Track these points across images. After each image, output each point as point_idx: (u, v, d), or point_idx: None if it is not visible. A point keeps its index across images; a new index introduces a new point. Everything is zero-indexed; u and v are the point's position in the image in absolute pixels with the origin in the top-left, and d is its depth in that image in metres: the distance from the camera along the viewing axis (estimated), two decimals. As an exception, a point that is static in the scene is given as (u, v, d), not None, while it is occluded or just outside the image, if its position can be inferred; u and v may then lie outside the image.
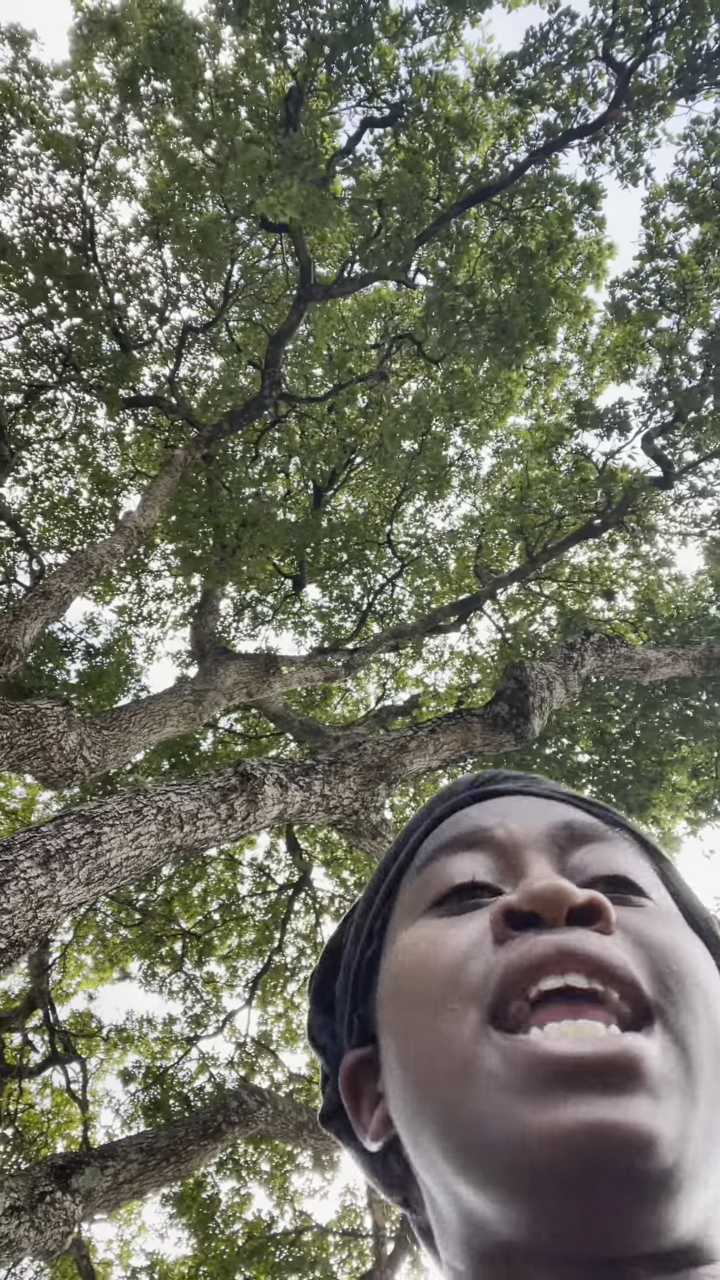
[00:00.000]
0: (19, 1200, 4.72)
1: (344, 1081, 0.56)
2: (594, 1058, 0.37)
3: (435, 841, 0.56)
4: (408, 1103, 0.45)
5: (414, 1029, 0.45)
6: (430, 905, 0.51)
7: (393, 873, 0.59)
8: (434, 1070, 0.42)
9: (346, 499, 11.95)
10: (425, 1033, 0.43)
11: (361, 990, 0.57)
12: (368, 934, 0.58)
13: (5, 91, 7.97)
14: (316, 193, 6.61)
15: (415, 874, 0.55)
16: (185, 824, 3.59)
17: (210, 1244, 8.45)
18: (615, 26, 6.85)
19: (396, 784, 4.65)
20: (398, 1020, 0.48)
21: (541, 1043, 0.38)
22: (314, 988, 0.64)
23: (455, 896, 0.50)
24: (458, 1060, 0.40)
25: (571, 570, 10.99)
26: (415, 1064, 0.44)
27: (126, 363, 9.29)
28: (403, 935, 0.52)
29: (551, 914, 0.42)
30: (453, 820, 0.57)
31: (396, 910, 0.56)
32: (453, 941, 0.46)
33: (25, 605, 5.85)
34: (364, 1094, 0.55)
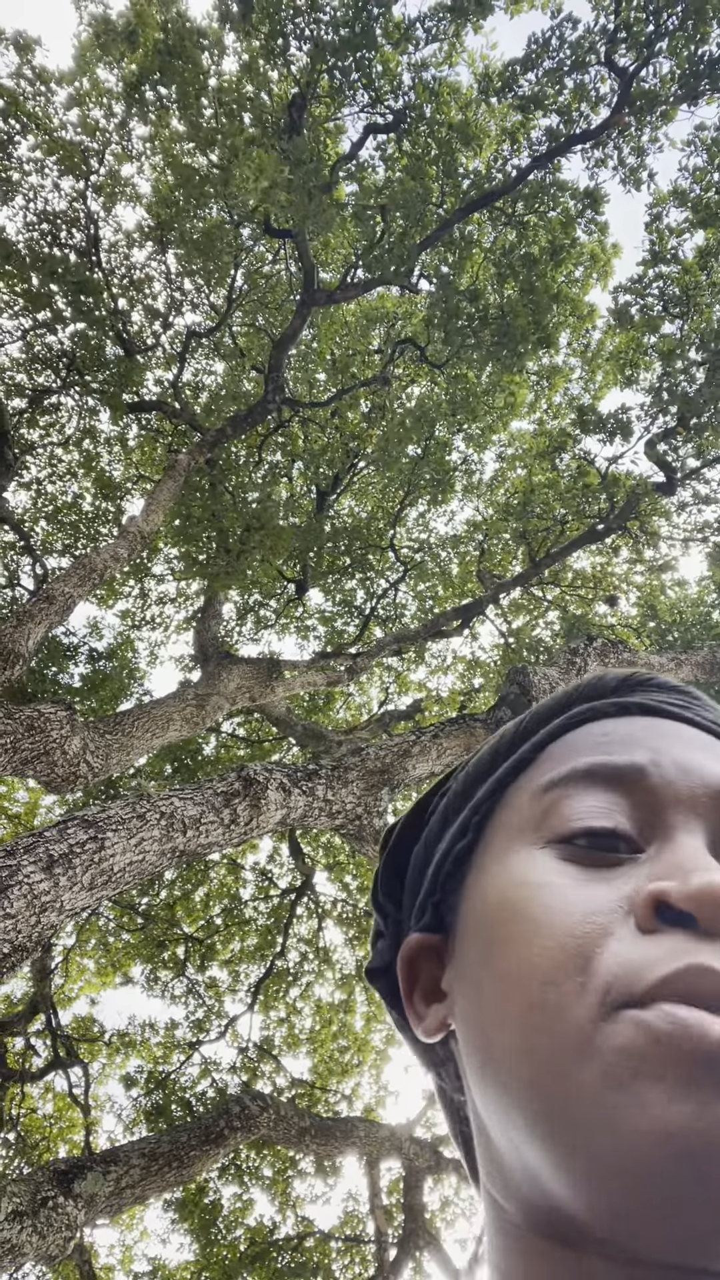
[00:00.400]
0: (21, 1205, 4.72)
1: (403, 963, 0.53)
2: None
3: (568, 757, 0.49)
4: (495, 1056, 0.41)
5: (519, 984, 0.40)
6: (552, 840, 0.45)
7: (507, 767, 0.53)
8: (540, 1036, 0.37)
9: (349, 503, 11.97)
10: (534, 996, 0.39)
11: (444, 879, 0.53)
12: (463, 825, 0.53)
13: (10, 98, 8.00)
14: (319, 198, 6.63)
15: (536, 791, 0.49)
16: (188, 829, 3.59)
17: (212, 1250, 8.43)
18: (617, 32, 6.87)
19: (399, 789, 4.65)
20: (496, 961, 0.43)
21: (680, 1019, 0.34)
22: (390, 845, 0.60)
23: (585, 838, 0.44)
24: (574, 1034, 0.36)
25: (574, 575, 11.00)
26: (513, 1021, 0.40)
27: (130, 368, 9.31)
28: (508, 861, 0.47)
29: (711, 922, 0.36)
30: (593, 733, 0.51)
31: (502, 813, 0.51)
32: (584, 904, 0.40)
33: (29, 609, 5.86)
34: (420, 979, 0.53)
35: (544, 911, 0.41)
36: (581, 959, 0.38)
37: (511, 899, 0.44)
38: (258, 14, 6.81)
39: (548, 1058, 0.37)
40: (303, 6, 6.86)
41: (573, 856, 0.44)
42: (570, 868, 0.43)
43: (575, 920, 0.39)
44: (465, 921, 0.49)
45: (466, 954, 0.47)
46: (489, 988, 0.43)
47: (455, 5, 6.91)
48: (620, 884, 0.41)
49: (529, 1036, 0.38)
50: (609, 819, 0.44)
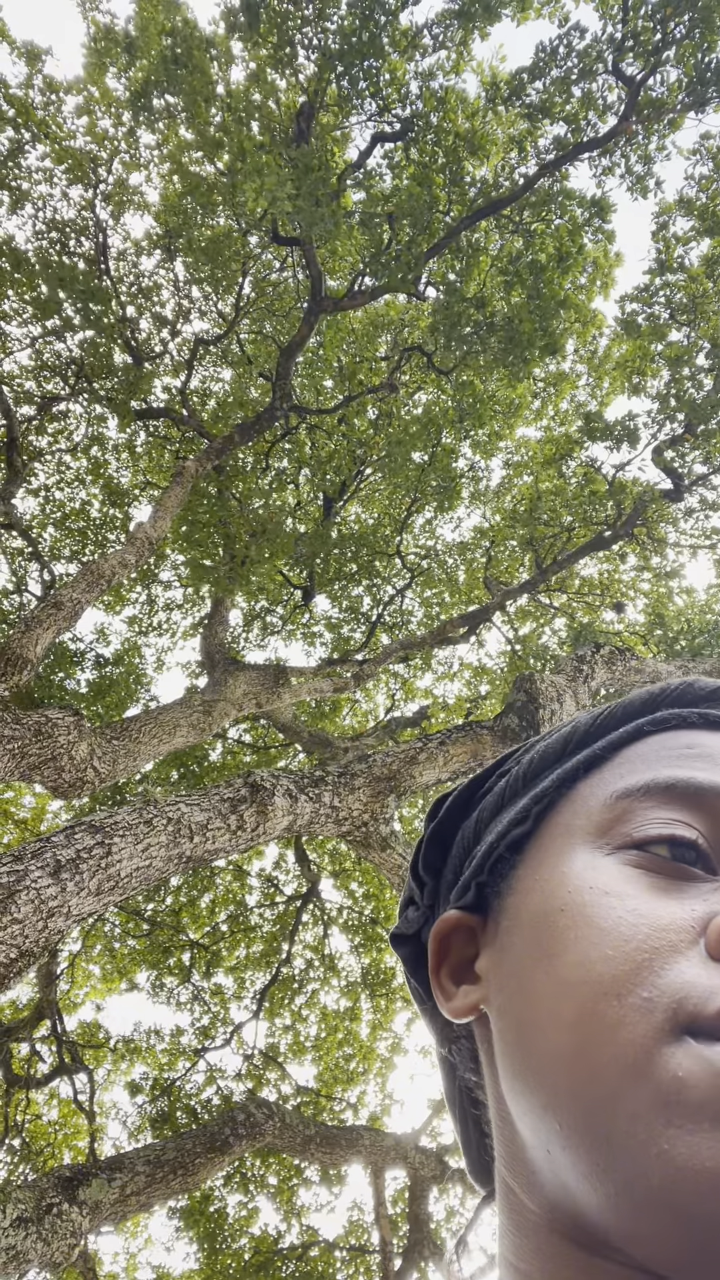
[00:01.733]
0: (26, 1212, 4.71)
1: (437, 937, 0.53)
2: None
3: (647, 766, 0.47)
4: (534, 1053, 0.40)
5: (576, 989, 0.39)
6: (622, 846, 0.44)
7: (578, 761, 0.51)
8: (594, 1048, 0.36)
9: (356, 510, 11.98)
10: (593, 1005, 0.37)
11: (495, 862, 0.52)
12: (523, 811, 0.51)
13: (20, 107, 8.06)
14: (326, 205, 6.65)
15: (609, 798, 0.47)
16: (195, 835, 3.59)
17: (217, 1258, 8.40)
18: (625, 40, 6.89)
19: (406, 796, 4.64)
20: (552, 963, 0.42)
21: None
22: (439, 820, 0.59)
23: (665, 845, 0.43)
24: (631, 1051, 0.35)
25: (581, 582, 10.99)
26: (565, 1027, 0.39)
27: (138, 375, 9.35)
28: (578, 861, 0.45)
29: None
30: (676, 743, 0.49)
31: (567, 808, 0.49)
32: (654, 918, 0.39)
33: (37, 615, 5.88)
34: (450, 956, 0.52)
35: (610, 919, 0.40)
36: (648, 973, 0.37)
37: (574, 902, 0.43)
38: (265, 23, 6.85)
39: (598, 1072, 0.36)
40: (310, 16, 6.90)
41: (644, 864, 0.43)
42: (640, 876, 0.42)
43: (644, 934, 0.38)
44: (514, 912, 0.48)
45: (513, 946, 0.46)
46: (541, 988, 0.42)
47: (462, 10, 6.93)
48: (693, 903, 0.40)
49: (581, 1046, 0.37)
50: (690, 832, 0.43)
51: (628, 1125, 0.34)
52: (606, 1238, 0.35)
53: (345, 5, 6.77)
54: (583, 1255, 0.37)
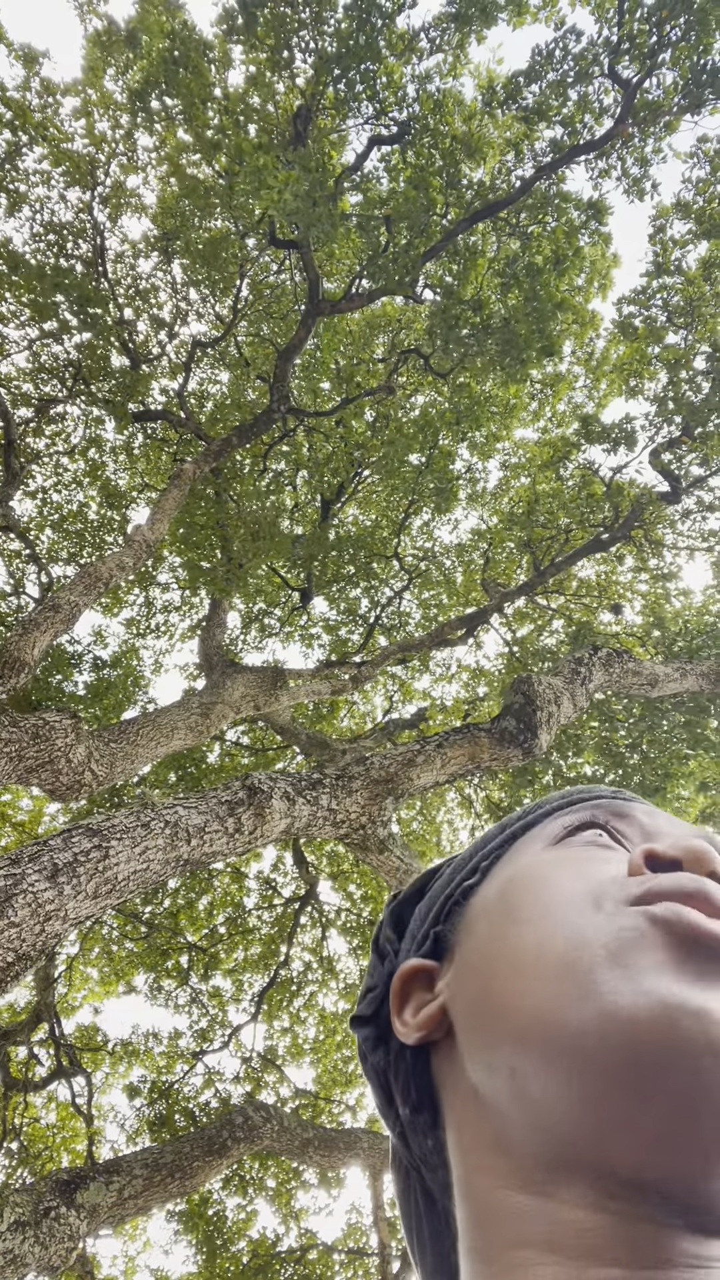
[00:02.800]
0: (24, 1215, 4.70)
1: (399, 982, 0.57)
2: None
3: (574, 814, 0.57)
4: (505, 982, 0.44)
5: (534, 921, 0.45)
6: (553, 842, 0.53)
7: (516, 826, 0.60)
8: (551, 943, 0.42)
9: (354, 512, 11.99)
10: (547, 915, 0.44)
11: (447, 912, 0.58)
12: (471, 868, 0.59)
13: (17, 109, 8.06)
14: (324, 206, 6.65)
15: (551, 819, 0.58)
16: (193, 838, 3.59)
17: (215, 1261, 8.38)
18: (621, 43, 6.90)
19: (404, 798, 4.64)
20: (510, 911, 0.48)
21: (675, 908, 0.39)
22: (395, 907, 0.66)
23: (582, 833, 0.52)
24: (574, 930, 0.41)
25: (579, 584, 10.99)
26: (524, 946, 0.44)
27: (136, 377, 9.35)
28: (522, 859, 0.54)
29: (696, 868, 0.43)
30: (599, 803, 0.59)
31: (510, 857, 0.57)
32: (585, 866, 0.47)
33: (34, 618, 5.87)
34: (411, 998, 0.56)
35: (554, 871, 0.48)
36: (591, 896, 0.44)
37: (523, 872, 0.51)
38: (263, 26, 6.86)
39: (560, 956, 0.41)
40: (307, 19, 6.91)
41: (573, 845, 0.51)
42: (571, 850, 0.51)
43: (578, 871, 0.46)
44: (469, 921, 0.54)
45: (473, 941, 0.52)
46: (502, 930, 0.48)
47: (459, 14, 6.95)
48: (620, 860, 0.48)
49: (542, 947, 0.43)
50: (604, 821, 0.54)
51: (583, 985, 0.38)
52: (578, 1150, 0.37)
53: (342, 8, 6.78)
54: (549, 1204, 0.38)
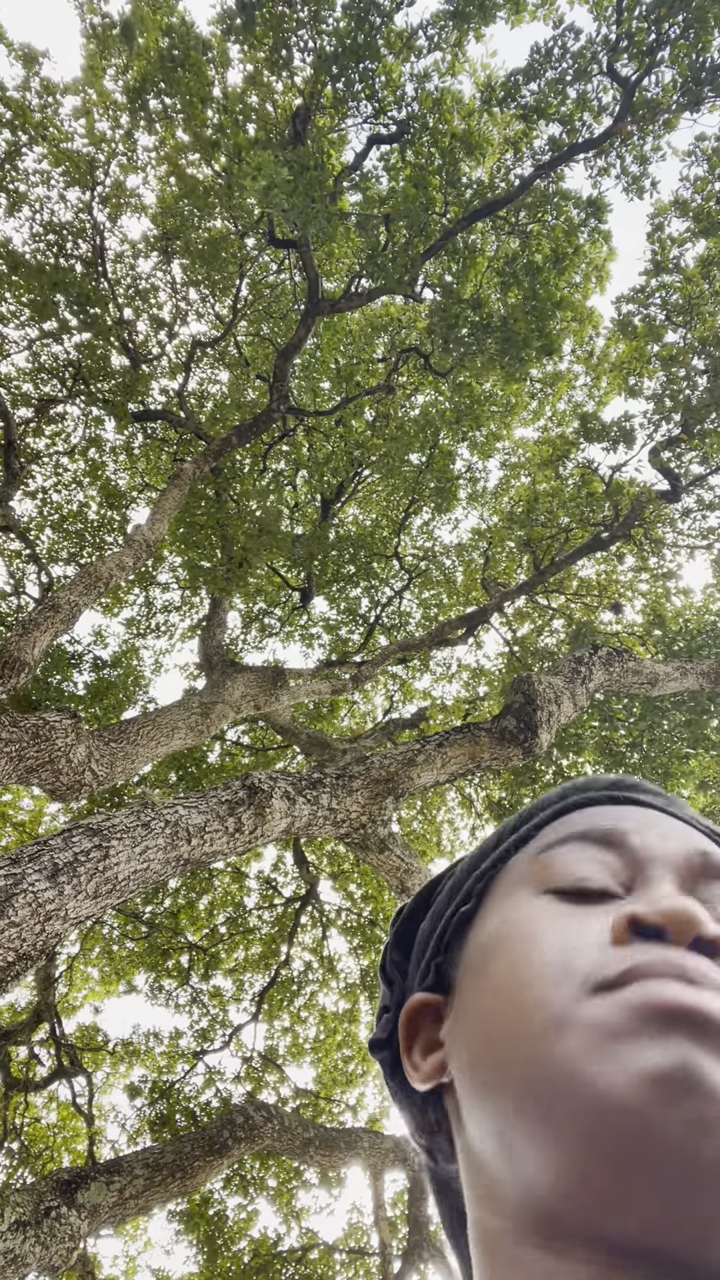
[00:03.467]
0: (25, 1215, 4.70)
1: (405, 1019, 0.57)
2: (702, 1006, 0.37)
3: (564, 828, 0.56)
4: (487, 1055, 0.45)
5: (510, 989, 0.45)
6: (547, 890, 0.51)
7: (509, 843, 0.59)
8: (525, 1026, 0.42)
9: (354, 512, 11.98)
10: (520, 994, 0.44)
11: (447, 941, 0.58)
12: (467, 893, 0.58)
13: (17, 109, 8.06)
14: (323, 204, 6.65)
15: (535, 854, 0.55)
16: (193, 837, 3.59)
17: (216, 1261, 8.38)
18: (619, 41, 6.89)
19: (404, 797, 4.64)
20: (492, 978, 0.48)
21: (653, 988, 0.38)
22: (398, 926, 0.65)
23: (575, 890, 0.50)
24: (553, 1015, 0.41)
25: (579, 583, 10.99)
26: (503, 1016, 0.44)
27: (136, 377, 9.35)
28: (512, 905, 0.52)
29: (680, 935, 0.41)
30: (586, 813, 0.57)
31: (503, 880, 0.56)
32: (569, 928, 0.46)
33: (34, 618, 5.87)
34: (419, 1035, 0.56)
35: (535, 932, 0.47)
36: (565, 962, 0.43)
37: (508, 928, 0.50)
38: (261, 26, 6.85)
39: (533, 1039, 0.41)
40: (305, 18, 6.90)
41: (565, 900, 0.49)
42: (561, 905, 0.49)
43: (558, 940, 0.45)
44: (465, 965, 0.54)
45: (465, 992, 0.52)
46: (485, 1000, 0.47)
47: (457, 12, 6.94)
48: (604, 914, 0.46)
49: (520, 1025, 0.42)
50: (596, 871, 0.51)
51: (564, 1075, 0.38)
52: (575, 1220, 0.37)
53: (340, 7, 6.77)
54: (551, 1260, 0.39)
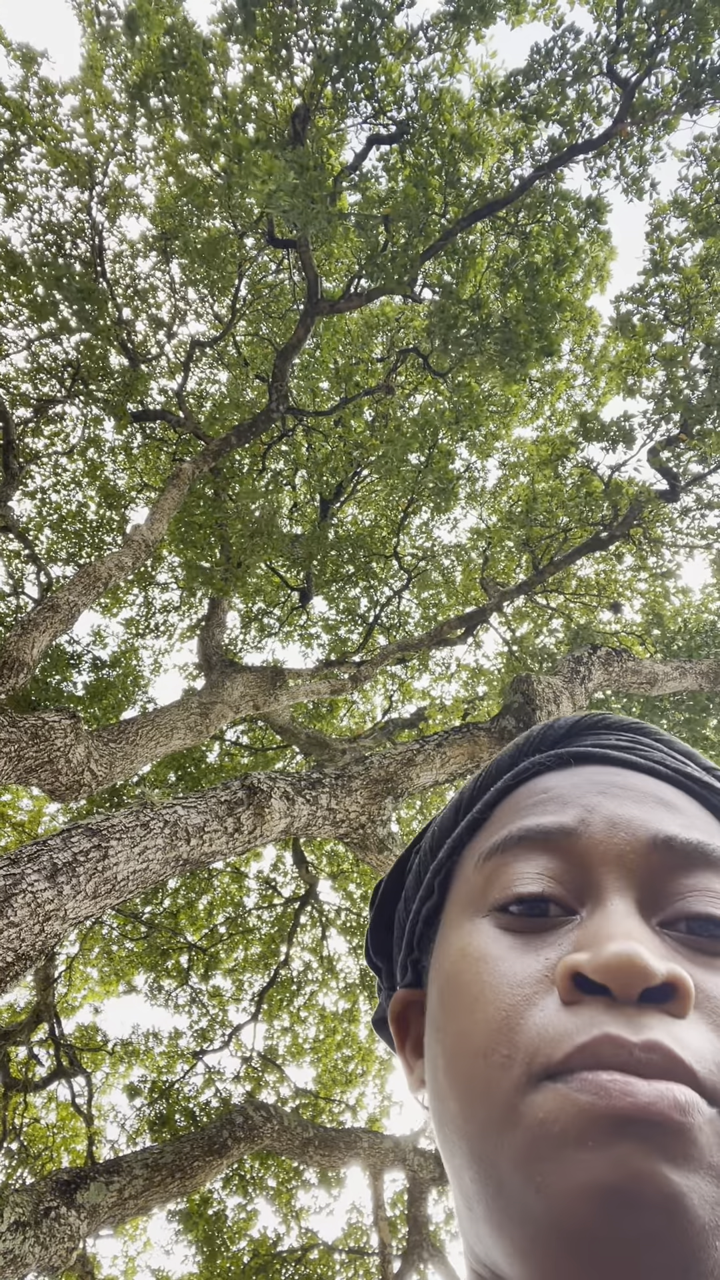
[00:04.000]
0: (24, 1215, 4.70)
1: (393, 1017, 0.56)
2: (660, 1111, 0.34)
3: (510, 819, 0.51)
4: (443, 1120, 0.43)
5: (459, 1060, 0.42)
6: (493, 908, 0.47)
7: (463, 828, 0.55)
8: (473, 1108, 0.40)
9: (353, 511, 11.98)
10: (469, 1068, 0.41)
11: (419, 938, 0.56)
12: (428, 887, 0.55)
13: (16, 109, 8.05)
14: (323, 205, 6.65)
15: (480, 859, 0.51)
16: (192, 837, 3.59)
17: (216, 1261, 8.38)
18: (619, 42, 6.89)
19: (403, 797, 4.64)
20: (444, 1036, 0.45)
21: (598, 1085, 0.36)
22: (377, 904, 0.63)
23: (517, 904, 0.46)
24: (501, 1103, 0.38)
25: (578, 583, 10.99)
26: (455, 1092, 0.42)
27: (135, 377, 9.35)
28: (459, 930, 0.49)
29: (623, 992, 0.38)
30: (534, 790, 0.52)
31: (459, 876, 0.53)
32: (512, 976, 0.42)
33: (33, 618, 5.87)
34: (410, 1030, 0.55)
35: (479, 985, 0.43)
36: (508, 1031, 0.40)
37: (457, 973, 0.46)
38: (261, 26, 6.85)
39: (481, 1130, 0.39)
40: (305, 18, 6.90)
41: (508, 925, 0.46)
42: (505, 937, 0.45)
43: (505, 994, 0.42)
44: (432, 978, 0.51)
45: (429, 1020, 0.49)
46: (439, 1060, 0.45)
47: (457, 13, 6.94)
48: (548, 952, 0.43)
49: (467, 1109, 0.41)
50: (538, 884, 0.46)
51: (510, 1172, 0.37)
52: None
53: (340, 8, 6.77)
54: None
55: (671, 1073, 0.36)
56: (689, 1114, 0.35)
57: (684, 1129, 0.34)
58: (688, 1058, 0.36)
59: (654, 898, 0.44)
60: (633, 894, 0.44)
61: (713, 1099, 0.36)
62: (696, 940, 0.43)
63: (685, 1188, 0.33)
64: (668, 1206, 0.33)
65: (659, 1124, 0.34)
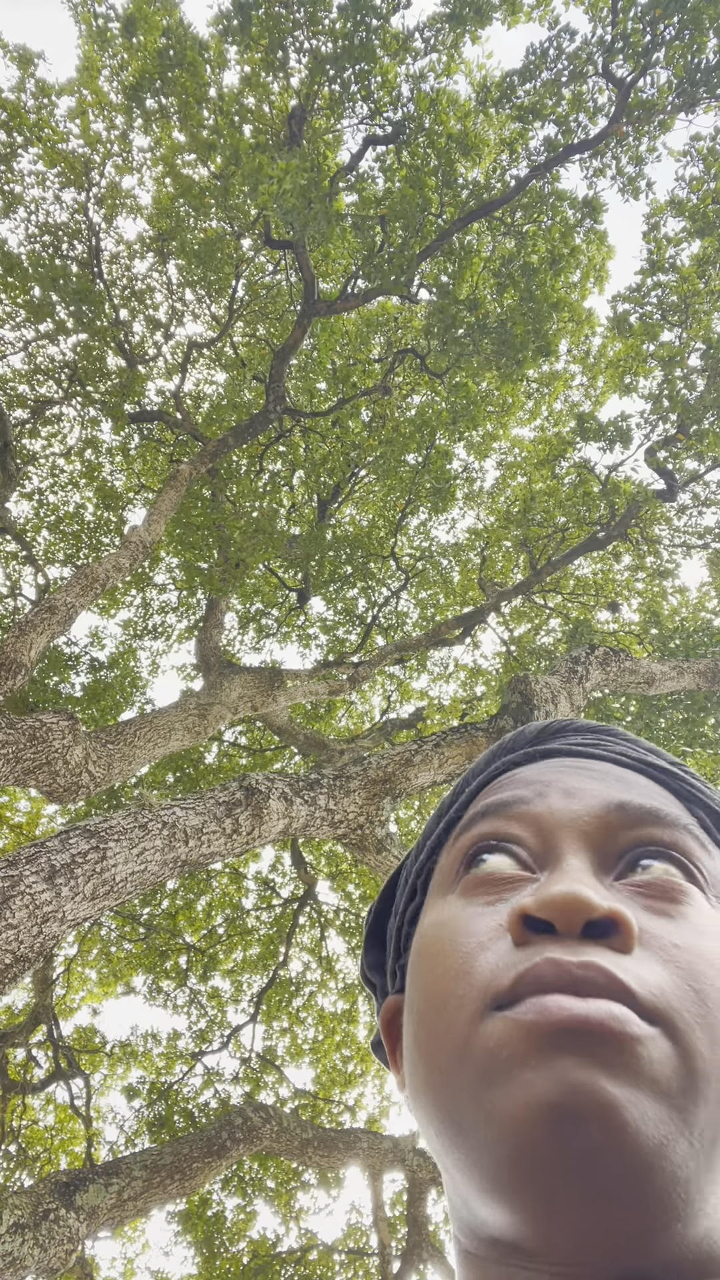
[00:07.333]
0: (23, 1217, 4.69)
1: (383, 1023, 0.57)
2: (595, 1019, 0.36)
3: (480, 804, 0.53)
4: (414, 1084, 0.45)
5: (424, 1013, 0.44)
6: (459, 877, 0.50)
7: (439, 829, 0.57)
8: (436, 1057, 0.42)
9: (351, 512, 11.98)
10: (432, 1017, 0.43)
11: (405, 941, 0.57)
12: (411, 889, 0.57)
13: (12, 110, 8.05)
14: (320, 205, 6.65)
15: (452, 841, 0.53)
16: (190, 838, 3.59)
17: (215, 1262, 8.38)
18: (615, 43, 6.90)
19: (401, 798, 4.64)
20: (413, 999, 0.47)
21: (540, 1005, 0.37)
22: (370, 923, 0.64)
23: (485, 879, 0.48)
24: (457, 1041, 0.40)
25: (576, 583, 11.00)
26: (421, 1048, 0.44)
27: (132, 378, 9.35)
28: (431, 910, 0.51)
29: (566, 925, 0.40)
30: (503, 782, 0.55)
31: (438, 869, 0.55)
32: (472, 933, 0.44)
33: (31, 620, 5.86)
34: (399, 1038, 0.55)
35: (440, 945, 0.46)
36: (464, 974, 0.42)
37: (427, 941, 0.48)
38: (257, 27, 6.85)
39: (444, 1077, 0.41)
40: (301, 19, 6.90)
41: (472, 891, 0.48)
42: (470, 905, 0.47)
43: (462, 944, 0.44)
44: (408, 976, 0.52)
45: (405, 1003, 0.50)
46: (409, 1028, 0.47)
47: (453, 14, 6.94)
48: (504, 907, 0.45)
49: (430, 1059, 0.42)
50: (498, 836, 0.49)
51: (468, 1109, 0.38)
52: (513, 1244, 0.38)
53: (336, 9, 6.78)
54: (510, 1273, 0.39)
55: (609, 991, 0.37)
56: (625, 1025, 0.36)
57: (622, 1040, 0.35)
58: (627, 979, 0.38)
59: (607, 859, 0.46)
60: (588, 855, 0.46)
61: (653, 1019, 0.37)
62: (649, 890, 0.44)
63: (623, 1099, 0.34)
64: (605, 1117, 0.34)
65: (595, 1035, 0.35)
